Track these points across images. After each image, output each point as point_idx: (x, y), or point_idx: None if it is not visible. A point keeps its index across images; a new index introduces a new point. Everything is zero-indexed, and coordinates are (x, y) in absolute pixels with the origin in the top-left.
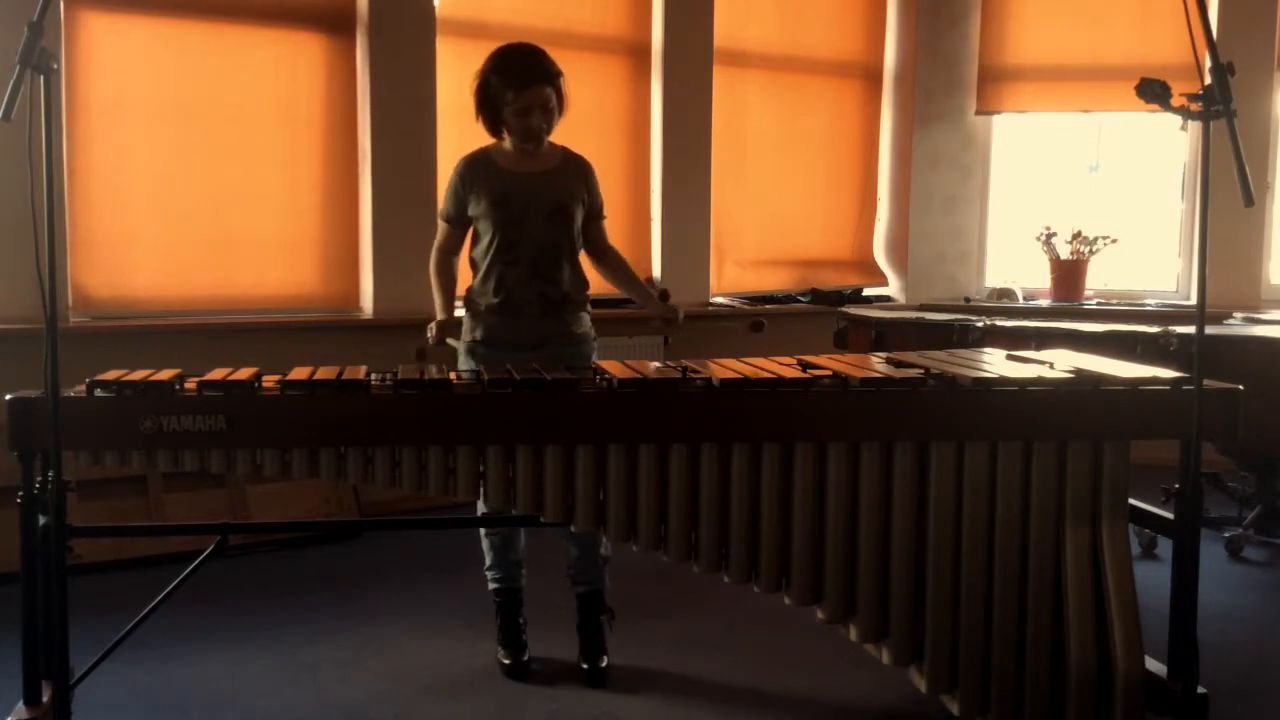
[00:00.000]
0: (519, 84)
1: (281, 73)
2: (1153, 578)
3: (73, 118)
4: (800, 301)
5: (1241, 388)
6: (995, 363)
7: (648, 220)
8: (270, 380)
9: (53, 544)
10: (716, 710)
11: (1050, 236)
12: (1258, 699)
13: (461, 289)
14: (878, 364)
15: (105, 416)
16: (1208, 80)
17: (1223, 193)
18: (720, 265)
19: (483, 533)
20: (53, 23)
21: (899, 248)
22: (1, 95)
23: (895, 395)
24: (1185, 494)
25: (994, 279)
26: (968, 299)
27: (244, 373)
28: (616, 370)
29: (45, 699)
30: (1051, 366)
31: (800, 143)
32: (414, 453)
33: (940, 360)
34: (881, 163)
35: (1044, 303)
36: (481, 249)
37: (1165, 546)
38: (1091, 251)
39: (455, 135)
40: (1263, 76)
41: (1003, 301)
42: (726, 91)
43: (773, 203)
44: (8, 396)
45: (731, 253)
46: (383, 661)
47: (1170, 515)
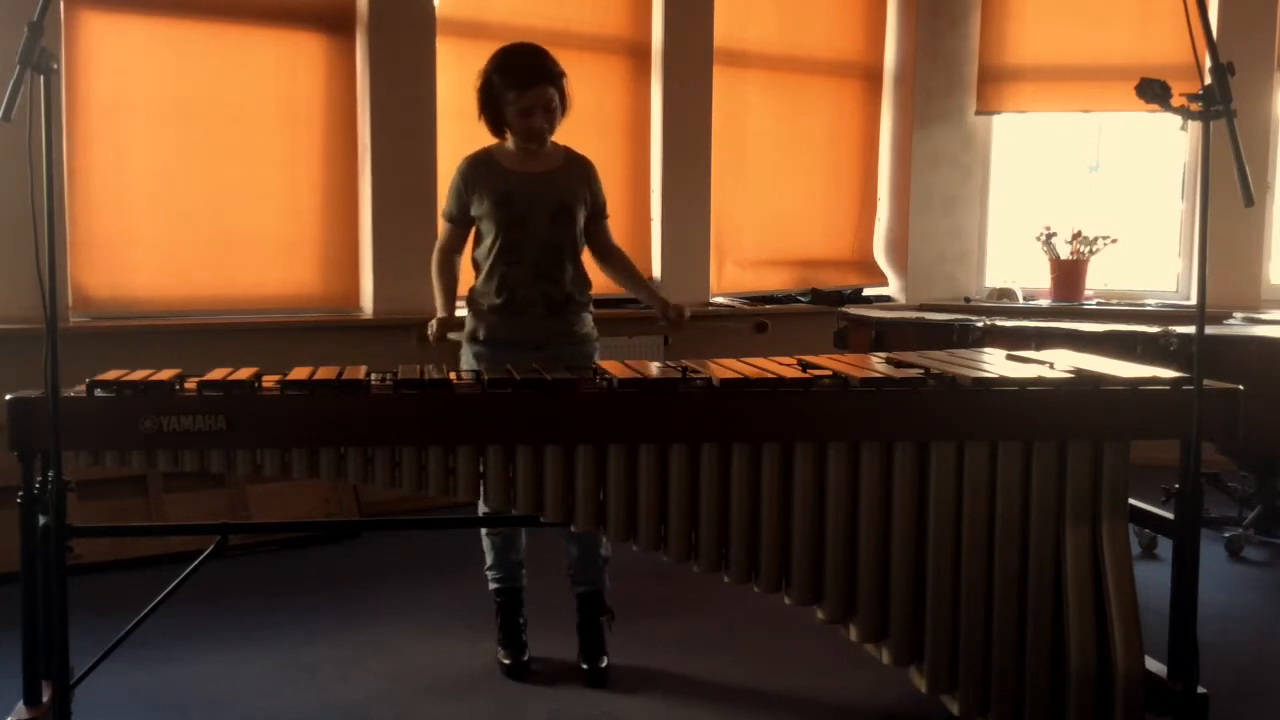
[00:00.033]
0: (522, 84)
1: (281, 73)
2: (1153, 578)
3: (73, 118)
4: (800, 301)
5: (1241, 388)
6: (995, 363)
7: (648, 220)
8: (270, 380)
9: (53, 544)
10: (716, 710)
11: (1050, 236)
12: (1258, 699)
13: (463, 289)
14: (878, 364)
15: (105, 416)
16: (1208, 80)
17: (1223, 193)
18: (720, 265)
19: (484, 532)
20: (53, 23)
21: (899, 248)
22: (1, 95)
23: (895, 395)
24: (1185, 494)
25: (994, 279)
26: (968, 299)
27: (244, 373)
28: (616, 370)
29: (45, 699)
30: (1051, 366)
31: (800, 143)
32: (414, 453)
33: (940, 360)
34: (881, 163)
35: (1044, 303)
36: (484, 249)
37: (1165, 546)
38: (1091, 251)
39: (455, 135)
40: (1263, 76)
41: (1003, 301)
42: (726, 91)
43: (773, 203)
44: (8, 396)
45: (731, 253)
46: (383, 661)
47: (1170, 515)
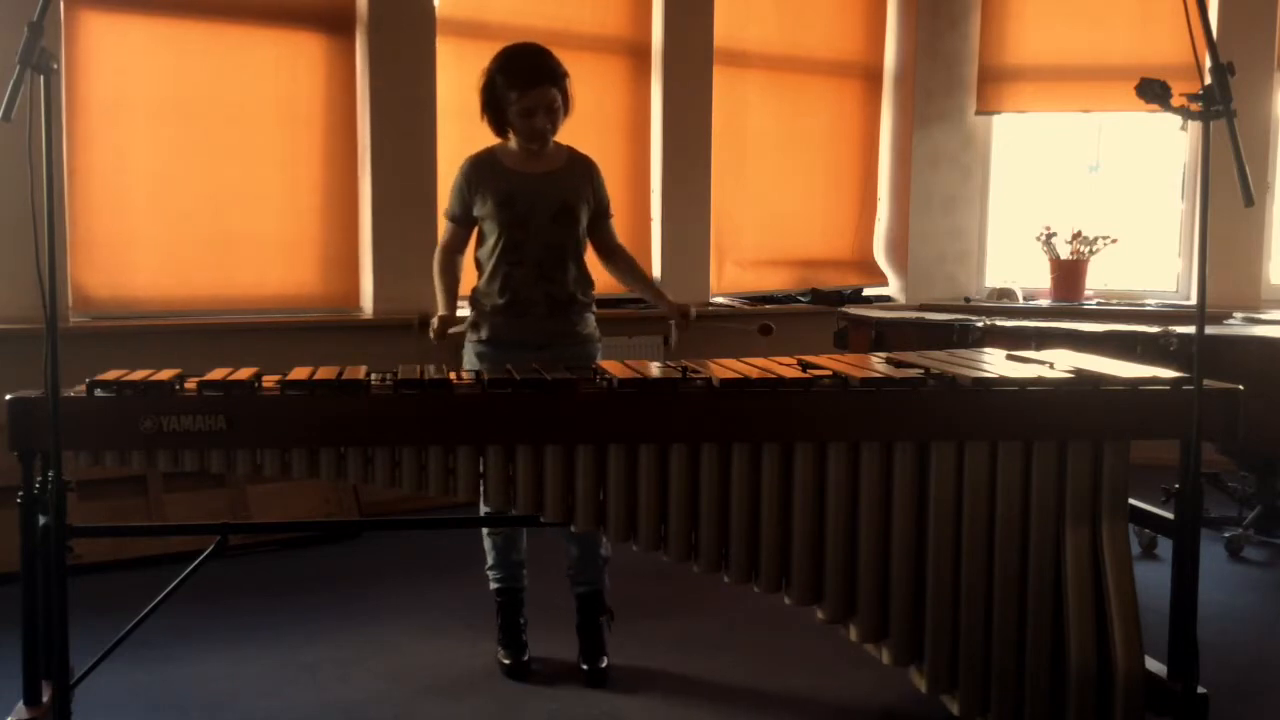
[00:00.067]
0: (524, 84)
1: (281, 73)
2: (1153, 578)
3: (73, 118)
4: (800, 301)
5: (1241, 388)
6: (995, 363)
7: (648, 220)
8: (270, 380)
9: (53, 544)
10: (716, 710)
11: (1050, 236)
12: (1258, 699)
13: (465, 289)
14: (878, 364)
15: (105, 416)
16: (1208, 80)
17: (1223, 193)
18: (720, 265)
19: (485, 532)
20: (53, 23)
21: (899, 248)
22: (1, 95)
23: (895, 395)
24: (1185, 494)
25: (994, 279)
26: (968, 299)
27: (244, 373)
28: (617, 370)
29: (45, 699)
30: (1051, 366)
31: (800, 143)
32: (414, 453)
33: (940, 360)
34: (881, 163)
35: (1044, 303)
36: (487, 249)
37: (1165, 546)
38: (1091, 251)
39: (455, 135)
40: (1263, 76)
41: (1003, 301)
42: (726, 91)
43: (773, 203)
44: (8, 396)
45: (731, 253)
46: (383, 661)
47: (1170, 515)
